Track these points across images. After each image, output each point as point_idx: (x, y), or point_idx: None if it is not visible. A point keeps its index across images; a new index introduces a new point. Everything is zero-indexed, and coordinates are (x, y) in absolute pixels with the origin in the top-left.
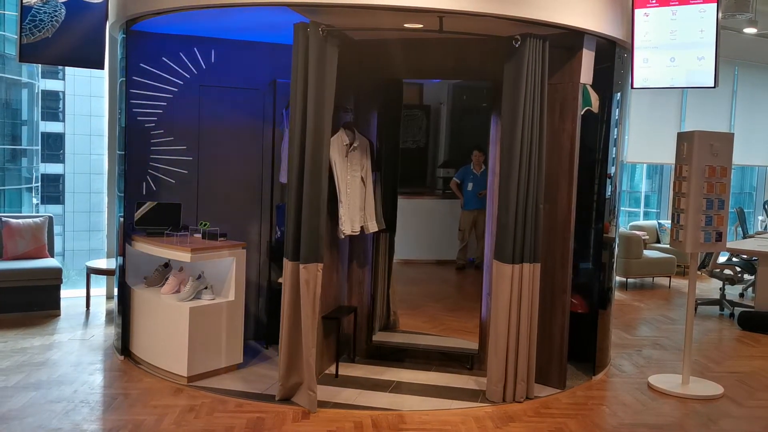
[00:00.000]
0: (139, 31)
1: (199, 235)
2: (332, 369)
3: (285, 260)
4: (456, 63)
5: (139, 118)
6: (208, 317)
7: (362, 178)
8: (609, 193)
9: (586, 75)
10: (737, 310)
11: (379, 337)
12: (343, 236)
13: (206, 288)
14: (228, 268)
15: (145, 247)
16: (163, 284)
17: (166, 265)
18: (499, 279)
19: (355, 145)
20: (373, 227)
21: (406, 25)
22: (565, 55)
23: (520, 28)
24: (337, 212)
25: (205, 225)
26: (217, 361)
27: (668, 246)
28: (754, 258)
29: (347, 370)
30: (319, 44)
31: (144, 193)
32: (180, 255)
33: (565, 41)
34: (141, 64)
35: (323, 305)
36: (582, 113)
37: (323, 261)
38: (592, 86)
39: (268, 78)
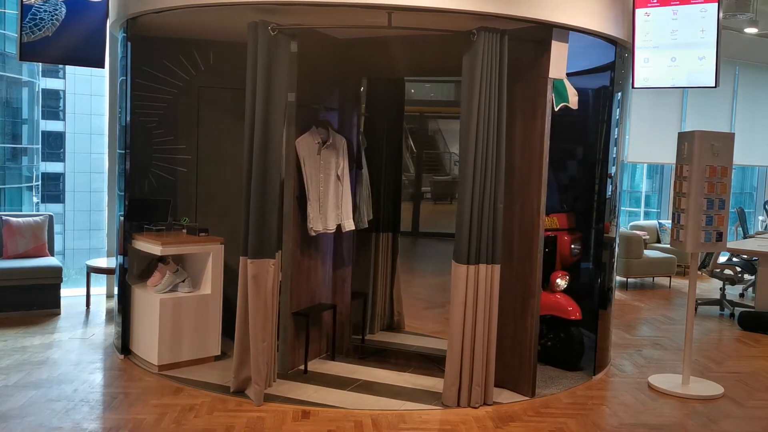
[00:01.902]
0: (141, 34)
1: (187, 231)
2: (310, 364)
3: (240, 256)
4: (439, 60)
5: (141, 119)
6: (181, 309)
7: (338, 176)
8: (609, 193)
9: (557, 69)
10: (737, 310)
11: (378, 336)
12: (313, 233)
13: (183, 281)
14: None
15: (134, 241)
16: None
17: (161, 260)
18: (455, 279)
19: (328, 143)
20: (349, 226)
21: (363, 22)
22: (536, 49)
23: (489, 22)
24: (316, 210)
25: (185, 221)
26: (190, 352)
27: (669, 246)
28: (754, 258)
29: (321, 367)
30: (268, 43)
31: (146, 190)
32: (153, 248)
33: (535, 35)
34: (143, 67)
35: (296, 302)
36: (557, 110)
37: (274, 257)
38: (576, 83)
39: None
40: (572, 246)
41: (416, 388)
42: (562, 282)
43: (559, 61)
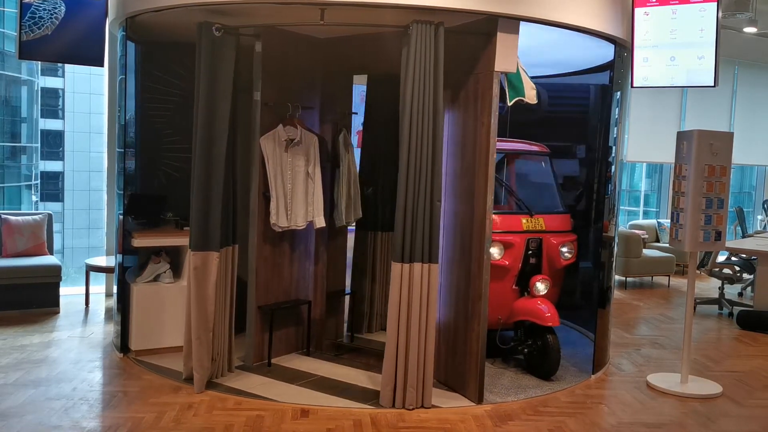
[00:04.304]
0: (152, 40)
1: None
2: (281, 359)
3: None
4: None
5: (151, 119)
6: (158, 298)
7: (308, 173)
8: (608, 192)
9: (505, 62)
10: (736, 310)
11: (376, 336)
12: (279, 229)
13: (164, 272)
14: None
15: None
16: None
17: (156, 254)
18: (392, 278)
19: (296, 140)
20: (320, 223)
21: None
22: (485, 41)
23: (431, 16)
24: (281, 206)
25: (170, 216)
26: (166, 340)
27: (667, 245)
28: (753, 257)
29: (290, 361)
30: (212, 43)
31: (156, 186)
32: (131, 240)
33: (482, 27)
34: (153, 71)
35: (264, 296)
36: (511, 104)
37: (218, 250)
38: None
39: None
40: (562, 249)
41: (367, 387)
42: (541, 286)
43: (508, 53)
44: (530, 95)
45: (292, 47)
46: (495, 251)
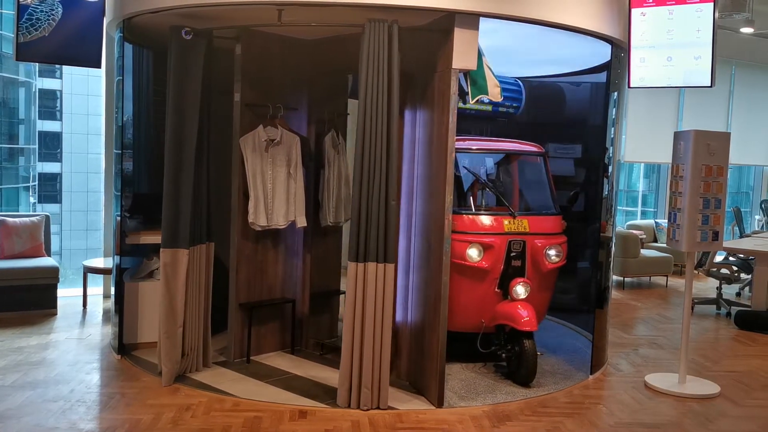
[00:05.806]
0: (154, 42)
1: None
2: (266, 356)
3: None
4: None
5: (155, 121)
6: (145, 294)
7: (289, 172)
8: (606, 192)
9: (463, 59)
10: (734, 309)
11: None
12: (258, 228)
13: (157, 269)
14: None
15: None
16: None
17: (155, 251)
18: (348, 278)
19: (276, 140)
20: (301, 222)
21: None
22: (445, 39)
23: (389, 14)
24: (259, 206)
25: None
26: (154, 335)
27: (665, 245)
28: (750, 257)
29: (272, 359)
30: (180, 46)
31: (163, 185)
32: (126, 239)
33: (440, 24)
34: (162, 77)
35: (245, 294)
36: (473, 102)
37: (188, 247)
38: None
39: None
40: (549, 252)
41: (334, 387)
42: (521, 289)
43: (467, 50)
44: (494, 92)
45: (276, 49)
46: (473, 253)
